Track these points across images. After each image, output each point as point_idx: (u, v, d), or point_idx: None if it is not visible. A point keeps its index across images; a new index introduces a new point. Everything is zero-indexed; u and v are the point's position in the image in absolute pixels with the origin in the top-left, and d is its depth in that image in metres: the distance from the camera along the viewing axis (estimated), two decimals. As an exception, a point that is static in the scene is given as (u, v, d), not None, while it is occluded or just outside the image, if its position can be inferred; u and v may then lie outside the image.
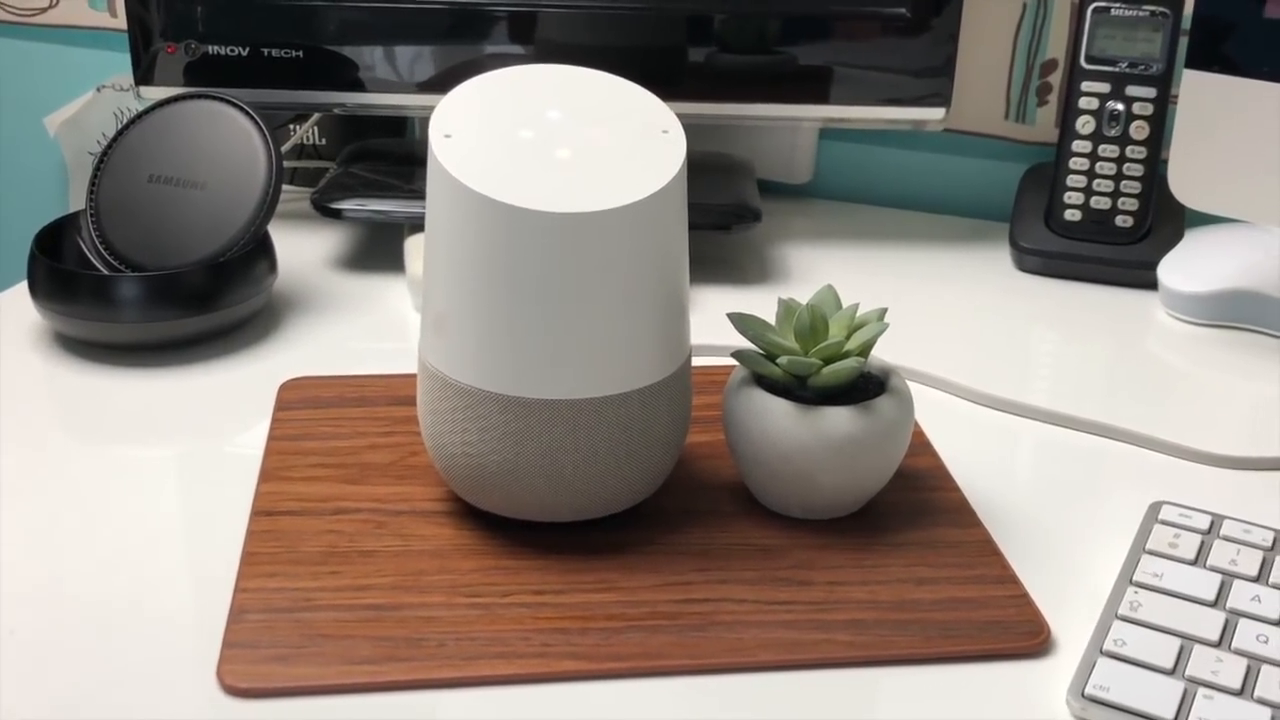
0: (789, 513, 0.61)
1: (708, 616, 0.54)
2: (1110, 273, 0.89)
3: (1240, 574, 0.56)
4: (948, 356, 0.78)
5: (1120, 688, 0.50)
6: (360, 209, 0.87)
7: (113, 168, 0.80)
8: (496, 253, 0.53)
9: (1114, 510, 0.64)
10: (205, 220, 0.78)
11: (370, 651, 0.52)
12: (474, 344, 0.55)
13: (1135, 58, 0.87)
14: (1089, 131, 0.89)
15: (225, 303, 0.76)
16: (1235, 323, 0.83)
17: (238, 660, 0.51)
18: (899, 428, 0.59)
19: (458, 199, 0.54)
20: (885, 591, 0.56)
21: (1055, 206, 0.91)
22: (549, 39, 0.87)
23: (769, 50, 0.88)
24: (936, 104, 0.89)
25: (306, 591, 0.55)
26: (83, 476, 0.64)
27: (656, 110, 0.59)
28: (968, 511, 0.62)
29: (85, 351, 0.76)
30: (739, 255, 0.93)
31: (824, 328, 0.60)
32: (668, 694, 0.51)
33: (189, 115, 0.80)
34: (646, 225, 0.54)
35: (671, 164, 0.56)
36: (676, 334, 0.58)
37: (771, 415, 0.58)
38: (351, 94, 0.90)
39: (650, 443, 0.58)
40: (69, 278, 0.74)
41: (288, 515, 0.60)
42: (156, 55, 0.89)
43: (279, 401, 0.70)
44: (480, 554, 0.58)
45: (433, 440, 0.58)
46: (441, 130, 0.56)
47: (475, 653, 0.52)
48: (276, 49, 0.88)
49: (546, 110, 0.57)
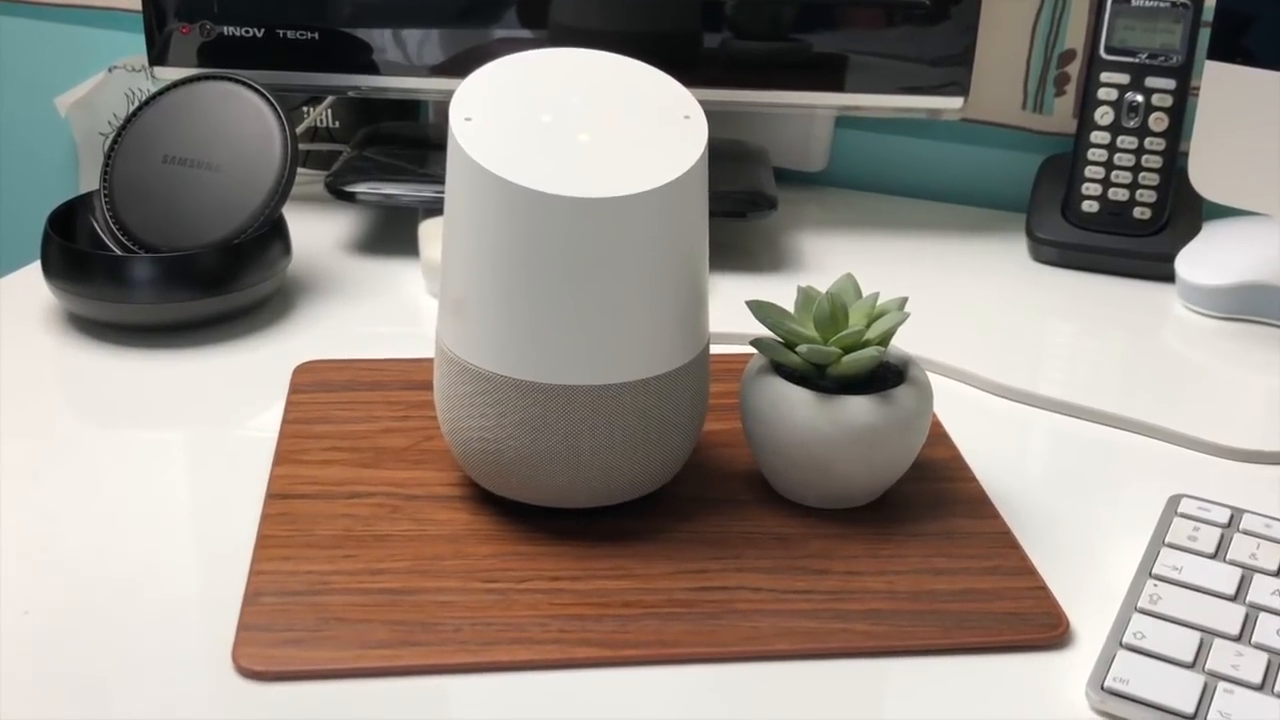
0: (806, 502, 0.61)
1: (724, 604, 0.54)
2: (1127, 265, 0.89)
3: (1261, 568, 0.56)
4: (963, 347, 0.78)
5: (1140, 680, 0.50)
6: (374, 193, 0.87)
7: (127, 148, 0.79)
8: (517, 237, 0.53)
9: (1131, 503, 0.64)
10: (219, 202, 0.77)
11: (385, 635, 0.51)
12: (493, 329, 0.55)
13: (1155, 49, 0.87)
14: (1107, 122, 0.88)
15: (239, 285, 0.75)
16: (1252, 316, 0.83)
17: (253, 643, 0.51)
18: (918, 418, 0.59)
19: (478, 183, 0.53)
20: (903, 582, 0.56)
21: (1072, 198, 0.90)
22: (562, 23, 0.87)
23: (785, 37, 0.87)
24: (954, 93, 0.89)
25: (321, 575, 0.55)
26: (96, 459, 0.64)
27: (678, 95, 0.58)
28: (985, 502, 0.62)
29: (98, 332, 0.76)
30: (754, 243, 0.92)
31: (844, 316, 0.60)
32: (684, 682, 0.51)
33: (203, 96, 0.80)
34: (668, 211, 0.54)
35: (693, 149, 0.55)
36: (696, 321, 0.57)
37: (790, 404, 0.58)
38: (366, 77, 0.89)
39: (668, 430, 0.57)
40: (83, 258, 0.74)
41: (302, 499, 0.60)
42: (171, 36, 0.88)
43: (293, 384, 0.70)
44: (496, 539, 0.58)
45: (449, 425, 0.58)
46: (462, 114, 0.55)
47: (491, 638, 0.51)
48: (291, 30, 0.88)
49: (567, 94, 0.57)
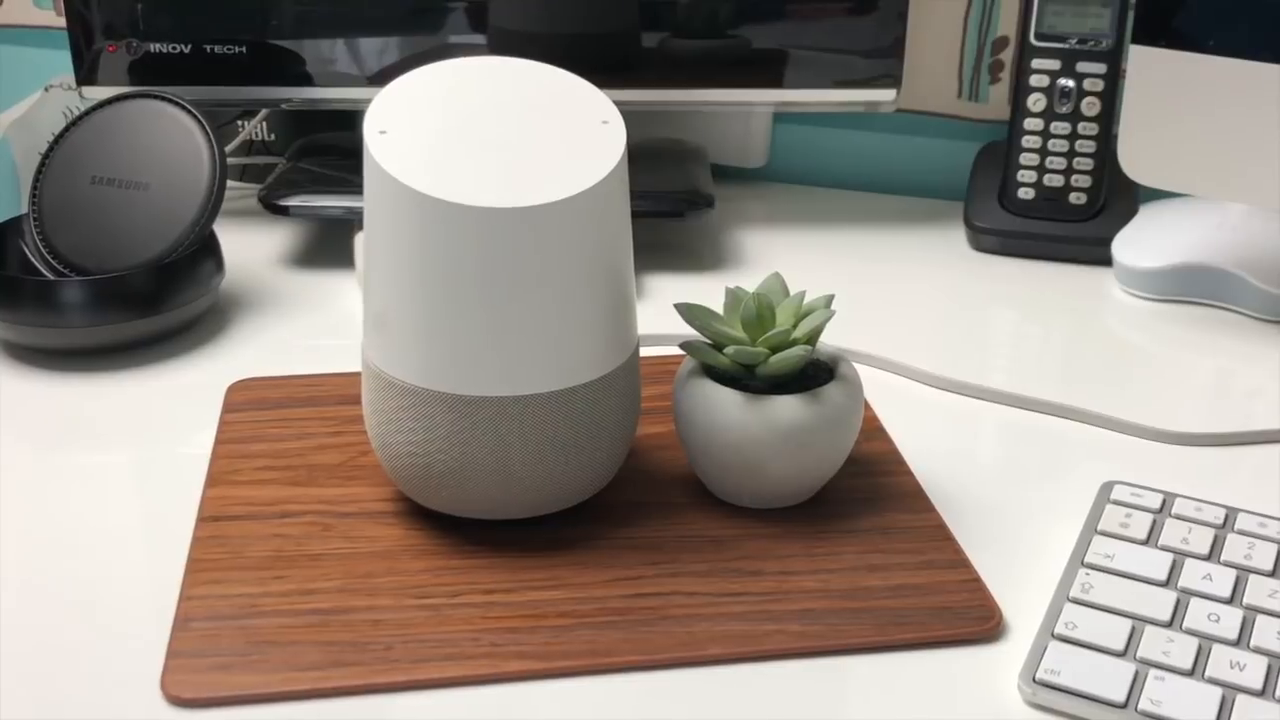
0: (741, 503, 0.61)
1: (658, 611, 0.54)
2: (1065, 250, 0.89)
3: (1192, 553, 0.56)
4: (903, 338, 0.78)
5: (1071, 671, 0.50)
6: (307, 205, 0.86)
7: (54, 170, 0.79)
8: (435, 250, 0.53)
9: (1070, 491, 0.64)
10: (149, 221, 0.77)
11: (316, 657, 0.51)
12: (416, 342, 0.54)
13: (1085, 34, 0.87)
14: (1040, 109, 0.88)
15: (171, 304, 0.75)
16: (1190, 297, 0.83)
17: (182, 670, 0.50)
18: (848, 414, 0.59)
19: (394, 196, 0.53)
20: (837, 580, 0.56)
21: (1009, 185, 0.90)
22: (500, 27, 0.87)
23: (721, 34, 0.87)
24: (887, 85, 0.89)
25: (251, 597, 0.54)
26: (28, 483, 0.63)
27: (595, 101, 0.58)
28: (921, 496, 0.62)
29: (29, 357, 0.75)
30: (693, 241, 0.92)
31: (771, 316, 0.60)
32: (617, 691, 0.50)
33: (130, 115, 0.79)
34: (587, 218, 0.54)
35: (611, 155, 0.55)
36: (622, 326, 0.57)
37: (719, 406, 0.58)
38: (299, 89, 0.89)
39: (599, 437, 0.57)
40: (11, 283, 0.73)
41: (234, 520, 0.59)
42: (99, 54, 0.87)
43: (227, 404, 0.69)
44: (429, 554, 0.57)
45: (379, 441, 0.58)
46: (376, 127, 0.55)
47: (422, 655, 0.51)
48: (219, 45, 0.87)
49: (483, 104, 0.57)
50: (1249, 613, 0.53)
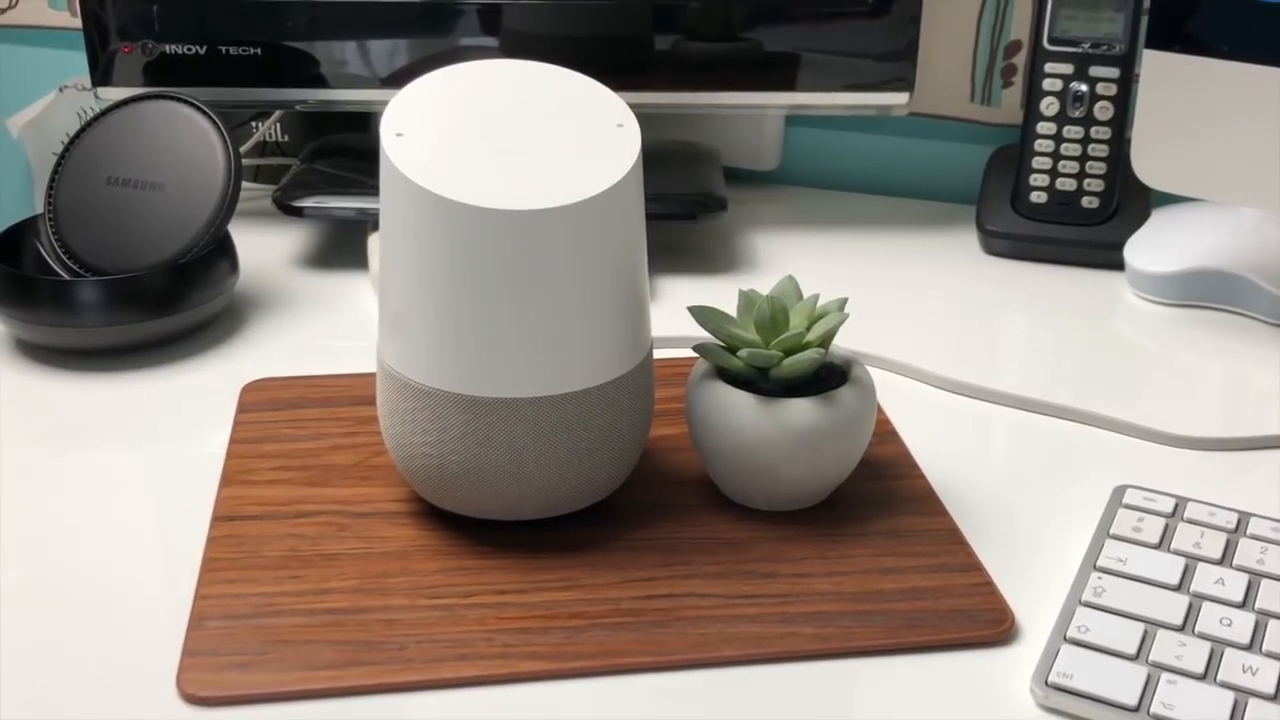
0: (754, 505, 0.61)
1: (671, 612, 0.54)
2: (1077, 254, 0.89)
3: (1204, 557, 0.56)
4: (915, 342, 0.78)
5: (1084, 674, 0.50)
6: (321, 206, 0.86)
7: (70, 171, 0.79)
8: (452, 252, 0.53)
9: (1082, 495, 0.64)
10: (164, 222, 0.77)
11: (331, 656, 0.51)
12: (432, 344, 0.55)
13: (1098, 38, 0.87)
14: (1053, 113, 0.88)
15: (186, 305, 0.75)
16: (1202, 302, 0.83)
17: (197, 669, 0.51)
18: (861, 417, 0.59)
19: (411, 198, 0.53)
20: (850, 582, 0.56)
21: (1021, 189, 0.90)
22: (513, 30, 0.87)
23: (734, 38, 0.87)
24: (900, 88, 0.89)
25: (267, 597, 0.55)
26: (44, 482, 0.63)
27: (611, 103, 0.58)
28: (933, 499, 0.62)
29: (45, 357, 0.75)
30: (706, 244, 0.93)
31: (784, 319, 0.60)
32: (630, 692, 0.51)
33: (146, 116, 0.80)
34: (602, 220, 0.54)
35: (626, 158, 0.55)
36: (636, 329, 0.57)
37: (733, 408, 0.58)
38: (313, 90, 0.89)
39: (613, 439, 0.57)
40: (27, 283, 0.73)
41: (249, 520, 0.60)
42: (114, 56, 0.88)
43: (241, 404, 0.69)
44: (443, 554, 0.57)
45: (394, 441, 0.58)
46: (393, 129, 0.55)
47: (436, 655, 0.51)
48: (234, 47, 0.87)
49: (499, 106, 0.57)
50: (1261, 617, 0.53)
